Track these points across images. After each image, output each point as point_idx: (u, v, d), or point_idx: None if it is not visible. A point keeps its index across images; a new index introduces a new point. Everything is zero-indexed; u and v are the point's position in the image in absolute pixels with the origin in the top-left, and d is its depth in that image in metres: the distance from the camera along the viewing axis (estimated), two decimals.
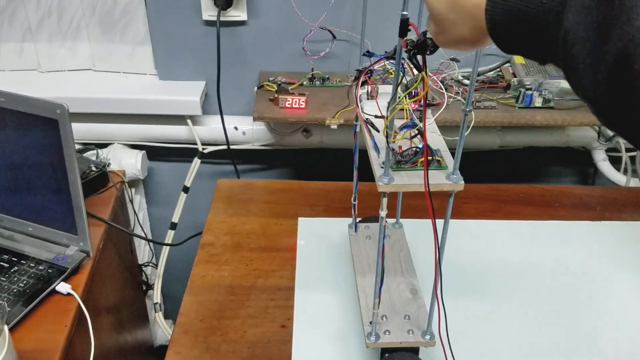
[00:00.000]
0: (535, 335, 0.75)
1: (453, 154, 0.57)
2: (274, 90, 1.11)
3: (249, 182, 1.11)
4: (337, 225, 0.94)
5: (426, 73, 0.52)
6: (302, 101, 1.07)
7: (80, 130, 1.26)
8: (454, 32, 0.48)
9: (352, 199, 0.80)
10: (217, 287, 0.83)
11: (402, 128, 0.56)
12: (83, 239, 0.88)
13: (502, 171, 1.37)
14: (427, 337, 0.63)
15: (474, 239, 0.92)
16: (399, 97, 0.54)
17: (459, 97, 1.06)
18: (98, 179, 1.06)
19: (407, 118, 0.58)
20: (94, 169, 1.05)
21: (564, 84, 1.08)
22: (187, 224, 1.34)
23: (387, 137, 0.53)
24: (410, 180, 0.55)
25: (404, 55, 0.51)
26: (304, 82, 1.15)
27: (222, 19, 1.14)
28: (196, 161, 1.28)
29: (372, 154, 0.58)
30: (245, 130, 1.25)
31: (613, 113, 0.39)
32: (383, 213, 0.57)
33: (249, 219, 0.98)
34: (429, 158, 0.56)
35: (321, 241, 0.92)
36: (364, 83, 0.64)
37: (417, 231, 0.55)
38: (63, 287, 0.83)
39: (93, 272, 0.90)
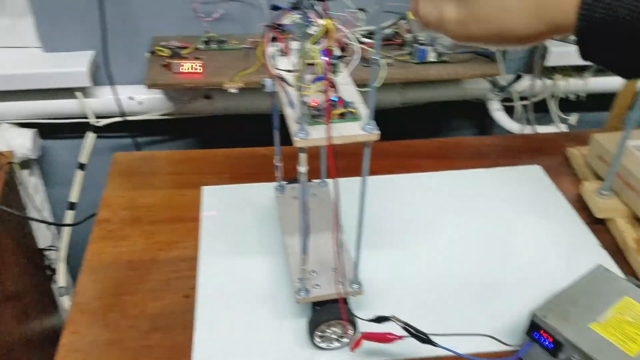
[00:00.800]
0: (447, 280, 0.78)
1: None
2: (167, 55, 1.06)
3: (148, 154, 1.06)
4: (244, 191, 0.93)
5: (330, 20, 0.50)
6: (199, 65, 1.04)
7: None
8: (502, 24, 0.37)
9: (276, 160, 0.78)
10: (115, 264, 0.80)
11: (314, 81, 0.55)
12: None
13: (405, 128, 1.39)
14: (355, 286, 0.64)
15: (378, 194, 0.93)
16: (306, 48, 0.52)
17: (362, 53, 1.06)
18: None
19: (322, 72, 0.57)
20: None
21: None
22: (88, 203, 1.28)
23: (299, 90, 0.51)
24: (327, 133, 0.53)
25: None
26: (200, 46, 1.11)
27: None
28: (91, 136, 1.22)
29: (287, 111, 0.56)
30: (142, 99, 1.20)
31: None
32: (303, 169, 0.55)
33: (149, 192, 0.95)
34: (343, 110, 0.55)
35: (227, 209, 0.90)
36: (274, 39, 0.61)
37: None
38: None
39: None
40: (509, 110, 1.33)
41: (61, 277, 1.28)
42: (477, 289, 0.76)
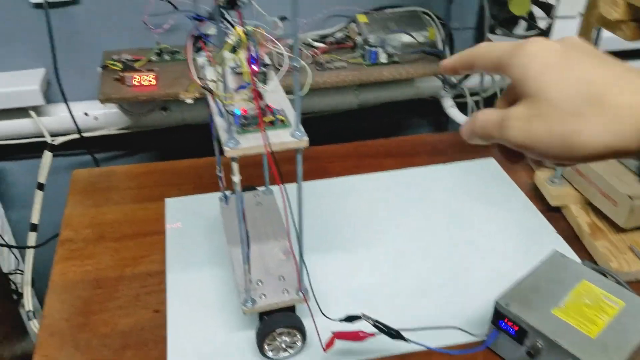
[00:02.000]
0: (411, 275, 0.79)
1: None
2: (120, 69, 1.05)
3: (107, 169, 1.05)
4: (208, 200, 0.93)
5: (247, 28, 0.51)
6: (152, 77, 1.03)
7: None
8: (571, 129, 0.35)
9: (217, 170, 0.78)
10: (81, 283, 0.79)
11: (238, 89, 0.56)
12: None
13: (363, 129, 1.41)
14: (301, 294, 0.64)
15: (341, 195, 0.95)
16: (221, 56, 0.53)
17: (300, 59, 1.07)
18: None
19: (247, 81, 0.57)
20: None
21: (405, 38, 1.13)
22: (51, 223, 1.25)
23: (220, 98, 0.52)
24: (257, 142, 0.54)
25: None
26: (152, 58, 1.10)
27: (50, 0, 1.06)
28: (47, 155, 1.20)
29: (217, 120, 0.57)
30: (97, 115, 1.18)
31: None
32: (236, 178, 0.56)
33: (111, 208, 0.94)
34: (271, 118, 0.56)
35: (192, 219, 0.90)
36: (199, 49, 0.62)
37: (289, 196, 0.56)
38: None
39: None
40: (463, 106, 1.36)
41: (28, 301, 1.26)
42: (440, 283, 0.78)
